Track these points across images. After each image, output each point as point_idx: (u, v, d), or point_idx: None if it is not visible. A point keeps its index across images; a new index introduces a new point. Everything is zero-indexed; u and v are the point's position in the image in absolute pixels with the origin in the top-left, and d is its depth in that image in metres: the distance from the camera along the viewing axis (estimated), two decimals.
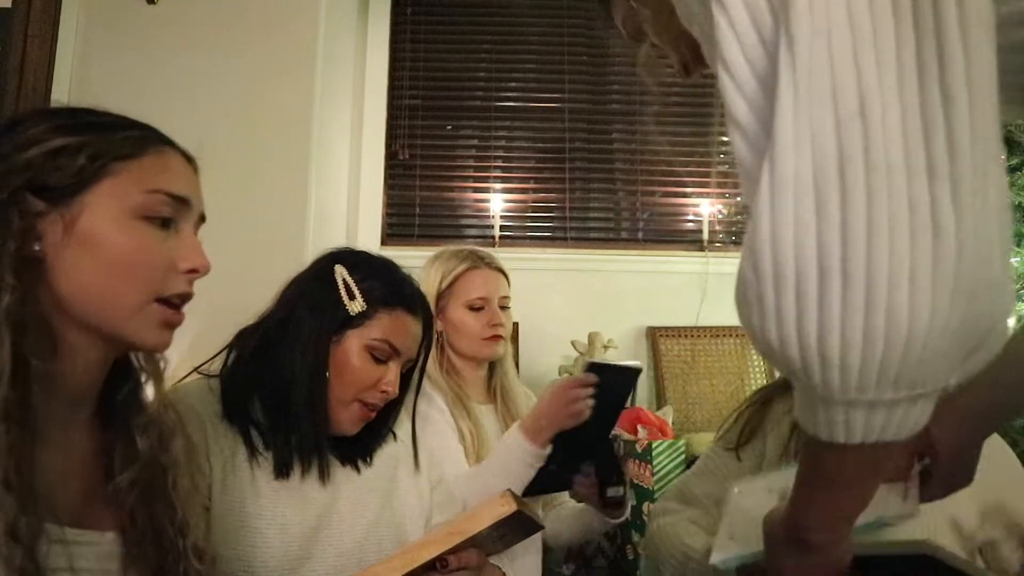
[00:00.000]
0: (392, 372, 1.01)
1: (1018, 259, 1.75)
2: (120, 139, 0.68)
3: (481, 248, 1.55)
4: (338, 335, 0.99)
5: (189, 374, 1.02)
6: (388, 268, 1.06)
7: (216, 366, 1.02)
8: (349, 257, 1.04)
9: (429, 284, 1.43)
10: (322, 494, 0.98)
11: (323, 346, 0.98)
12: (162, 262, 0.67)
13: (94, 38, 2.39)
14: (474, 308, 1.41)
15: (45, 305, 0.62)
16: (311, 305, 0.99)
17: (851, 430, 0.47)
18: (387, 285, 1.02)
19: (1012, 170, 1.80)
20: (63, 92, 2.35)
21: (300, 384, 0.96)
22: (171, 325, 0.68)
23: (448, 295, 1.42)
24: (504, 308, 1.46)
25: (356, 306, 0.99)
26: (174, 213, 0.69)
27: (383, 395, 1.00)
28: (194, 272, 0.69)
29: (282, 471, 0.95)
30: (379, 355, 0.99)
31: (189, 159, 0.74)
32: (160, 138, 0.71)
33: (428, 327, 1.07)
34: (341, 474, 1.02)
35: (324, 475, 0.97)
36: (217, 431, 0.94)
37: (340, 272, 1.00)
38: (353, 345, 0.99)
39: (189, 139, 0.77)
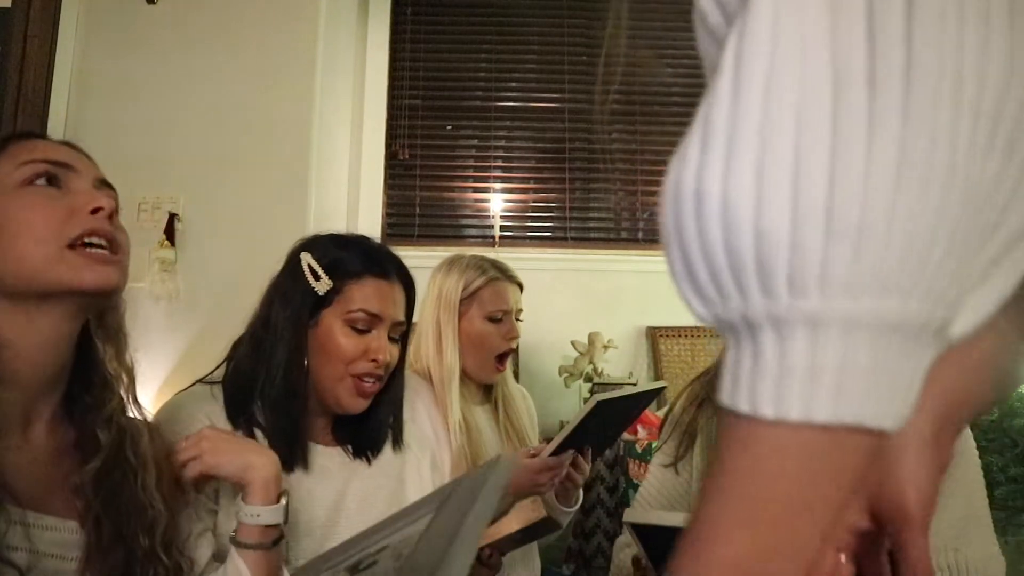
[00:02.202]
0: (377, 339, 1.01)
1: None
2: None
3: (488, 254, 1.58)
4: (314, 318, 1.00)
5: (192, 385, 1.03)
6: (354, 241, 1.07)
7: (218, 374, 1.03)
8: (313, 242, 1.05)
9: (449, 291, 1.45)
10: (330, 492, 0.99)
11: (299, 335, 0.99)
12: (58, 212, 0.70)
13: (94, 38, 2.39)
14: (494, 319, 1.44)
15: None
16: (282, 299, 1.01)
17: (787, 387, 0.30)
18: (351, 257, 1.03)
19: None
20: (63, 92, 2.35)
21: (278, 379, 0.97)
22: (98, 262, 0.71)
23: (469, 304, 1.45)
24: (518, 320, 1.50)
25: (322, 285, 1.00)
26: (54, 172, 0.73)
27: (374, 364, 1.00)
28: (99, 210, 0.72)
29: (288, 468, 0.96)
30: (360, 325, 1.00)
31: (58, 141, 0.78)
32: (22, 133, 0.77)
33: (409, 287, 1.07)
34: (348, 470, 1.03)
35: (306, 464, 0.98)
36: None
37: (305, 259, 1.01)
38: (332, 323, 1.00)
39: (189, 139, 0.78)
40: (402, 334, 1.07)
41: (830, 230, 0.29)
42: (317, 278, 1.00)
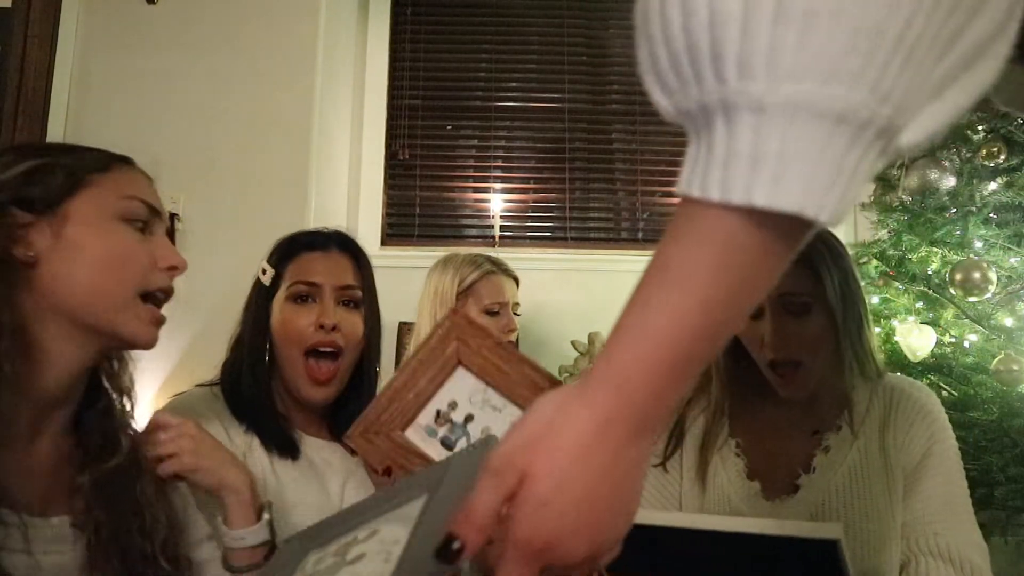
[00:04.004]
0: (320, 309, 1.02)
1: (1018, 259, 1.75)
2: (89, 157, 0.73)
3: (487, 252, 1.58)
4: (267, 310, 1.03)
5: (190, 390, 1.05)
6: (294, 233, 1.10)
7: (213, 378, 1.06)
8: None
9: (445, 287, 1.46)
10: (335, 484, 1.01)
11: (258, 335, 1.02)
12: (144, 258, 0.73)
13: (94, 38, 2.39)
14: (491, 313, 1.44)
15: (26, 310, 0.67)
16: (247, 309, 1.06)
17: (732, 172, 0.31)
18: (289, 242, 1.08)
19: (1012, 170, 1.80)
20: (63, 92, 2.35)
21: (251, 376, 1.00)
22: (158, 322, 0.74)
23: (464, 298, 1.46)
24: (515, 314, 1.50)
25: (267, 277, 1.04)
26: (149, 218, 0.74)
27: (323, 330, 1.01)
28: (174, 269, 0.75)
29: (289, 453, 0.99)
30: (300, 296, 1.03)
31: (148, 176, 0.80)
32: (122, 157, 0.77)
33: (355, 255, 1.08)
34: (351, 461, 1.05)
35: (292, 450, 1.00)
36: (231, 430, 0.97)
37: (261, 265, 1.06)
38: (280, 305, 1.03)
39: (189, 139, 0.80)
40: (368, 307, 1.07)
41: (778, 14, 0.29)
42: (263, 272, 1.04)
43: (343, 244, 1.08)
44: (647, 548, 0.70)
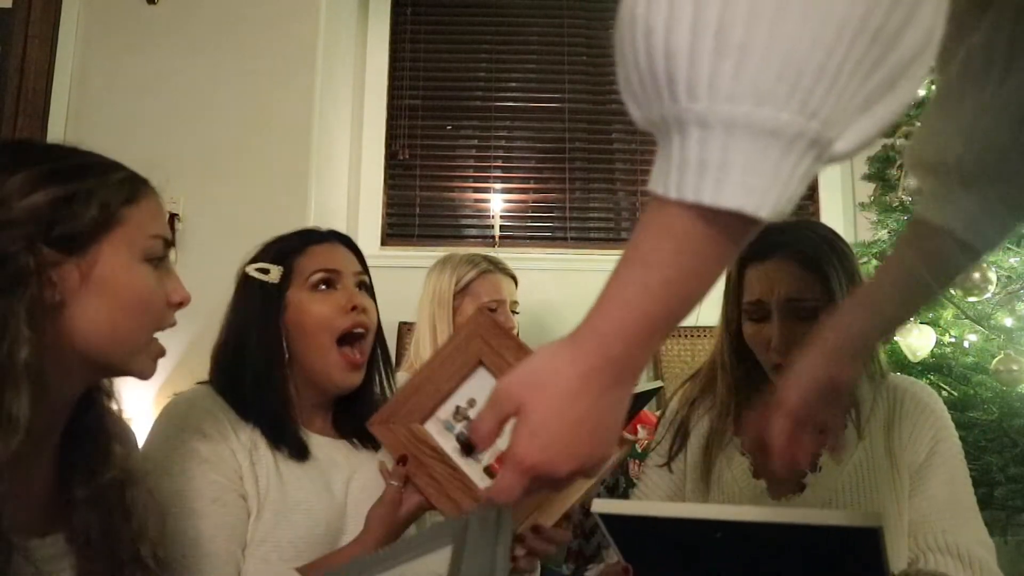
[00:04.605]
0: (345, 293, 1.03)
1: (1018, 259, 1.75)
2: (116, 183, 0.70)
3: (487, 252, 1.57)
4: (280, 305, 1.02)
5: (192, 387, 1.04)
6: (281, 235, 1.09)
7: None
8: (251, 256, 1.08)
9: (442, 287, 1.45)
10: (339, 481, 1.01)
11: (269, 332, 1.00)
12: (161, 300, 0.72)
13: (94, 38, 2.39)
14: (488, 311, 1.44)
15: (54, 351, 0.64)
16: (241, 310, 1.03)
17: (686, 170, 0.39)
18: (287, 240, 1.07)
19: None
20: (63, 92, 2.35)
21: (261, 375, 0.99)
22: (161, 355, 0.74)
23: (462, 298, 1.45)
24: (513, 313, 1.49)
25: (275, 274, 1.02)
26: (164, 253, 0.73)
27: (354, 312, 1.02)
28: (181, 305, 0.74)
29: (296, 455, 0.98)
30: (323, 283, 1.03)
31: (158, 194, 0.78)
32: (143, 179, 0.74)
33: (351, 246, 1.09)
34: (356, 461, 1.04)
35: (304, 452, 0.99)
36: (236, 427, 0.96)
37: (249, 269, 1.04)
38: (298, 297, 1.02)
39: (189, 139, 0.79)
40: (369, 289, 1.08)
41: (718, 48, 0.36)
42: (266, 272, 1.02)
43: (340, 238, 1.10)
44: (681, 543, 0.70)
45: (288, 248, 1.05)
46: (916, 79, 0.39)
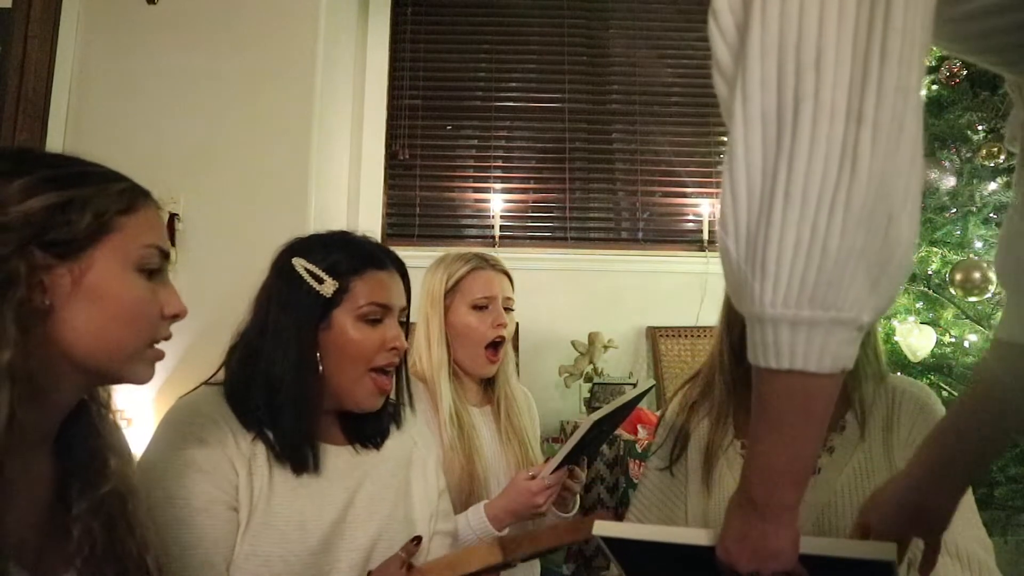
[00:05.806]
0: (391, 328, 1.03)
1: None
2: (116, 193, 0.70)
3: (485, 251, 1.56)
4: (324, 321, 1.00)
5: (197, 387, 1.02)
6: (343, 238, 1.07)
7: (220, 376, 1.02)
8: (302, 245, 1.05)
9: (434, 286, 1.45)
10: (340, 491, 0.99)
11: (307, 340, 0.98)
12: (155, 311, 0.71)
13: (94, 38, 2.39)
14: (479, 307, 1.42)
15: (43, 355, 0.64)
16: (282, 305, 1.00)
17: (779, 351, 0.53)
18: (348, 254, 1.04)
19: (1012, 170, 1.80)
20: (63, 92, 2.35)
21: (288, 382, 0.96)
22: (158, 360, 0.74)
23: (453, 295, 1.44)
24: (508, 310, 1.47)
25: (328, 288, 1.00)
26: (161, 264, 0.73)
27: (394, 351, 1.02)
28: (176, 318, 0.74)
29: (298, 469, 0.96)
30: (373, 317, 1.02)
31: (159, 207, 0.77)
32: (143, 190, 0.74)
33: (404, 275, 1.09)
34: (359, 470, 1.03)
35: (316, 466, 0.98)
36: (237, 435, 0.95)
37: (299, 264, 1.01)
38: (345, 322, 1.00)
39: (190, 139, 0.78)
40: (406, 319, 1.09)
41: (762, 275, 0.52)
42: (320, 281, 0.99)
43: (397, 265, 1.09)
44: (685, 563, 0.69)
45: (348, 267, 1.02)
46: (902, 267, 0.53)
